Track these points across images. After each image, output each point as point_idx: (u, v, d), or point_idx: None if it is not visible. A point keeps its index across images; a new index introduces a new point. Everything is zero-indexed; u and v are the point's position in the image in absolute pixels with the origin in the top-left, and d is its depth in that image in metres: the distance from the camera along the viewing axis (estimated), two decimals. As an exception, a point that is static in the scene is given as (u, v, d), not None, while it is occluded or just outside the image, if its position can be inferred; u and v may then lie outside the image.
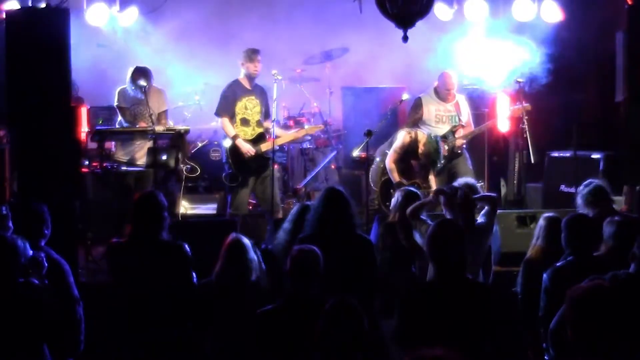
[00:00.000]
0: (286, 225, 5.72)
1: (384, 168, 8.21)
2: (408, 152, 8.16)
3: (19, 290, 4.43)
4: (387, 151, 8.21)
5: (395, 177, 8.06)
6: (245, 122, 8.10)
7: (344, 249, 5.08)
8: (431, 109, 8.55)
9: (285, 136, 8.50)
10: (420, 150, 8.07)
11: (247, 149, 7.98)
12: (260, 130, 8.16)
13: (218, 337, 5.00)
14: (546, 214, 5.68)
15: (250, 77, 8.11)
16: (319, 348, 3.52)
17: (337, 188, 5.44)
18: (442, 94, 8.55)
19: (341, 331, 3.50)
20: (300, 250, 4.50)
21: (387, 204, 7.61)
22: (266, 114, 8.24)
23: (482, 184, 8.03)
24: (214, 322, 5.00)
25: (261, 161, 8.10)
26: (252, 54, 8.06)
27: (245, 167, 8.04)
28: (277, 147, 8.34)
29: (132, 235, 5.15)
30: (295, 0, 10.33)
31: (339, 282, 4.80)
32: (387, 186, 8.18)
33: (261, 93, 8.23)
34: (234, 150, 8.02)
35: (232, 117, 8.07)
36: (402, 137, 8.15)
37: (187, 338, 5.08)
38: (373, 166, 8.38)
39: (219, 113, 8.14)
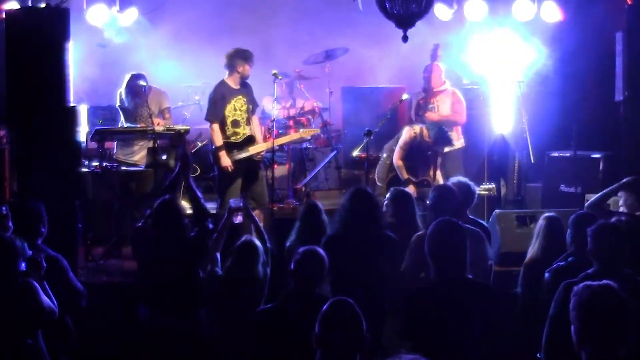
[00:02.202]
0: (297, 225, 5.72)
1: (391, 164, 8.19)
2: (413, 148, 8.11)
3: (18, 290, 4.43)
4: (394, 148, 8.19)
5: (404, 174, 8.00)
6: (236, 123, 7.97)
7: (372, 249, 5.09)
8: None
9: (280, 139, 8.51)
10: (428, 140, 8.02)
11: (228, 164, 7.84)
12: (249, 131, 8.04)
13: (225, 331, 5.09)
14: (546, 214, 5.68)
15: (242, 78, 7.98)
16: (317, 349, 3.51)
17: (365, 188, 5.44)
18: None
19: (339, 333, 3.48)
20: (305, 252, 4.48)
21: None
22: (253, 109, 8.15)
23: (489, 184, 8.01)
24: (221, 316, 5.10)
25: (250, 164, 8.01)
26: (249, 55, 7.96)
27: (234, 170, 7.92)
28: (276, 148, 8.35)
29: (155, 231, 5.33)
30: (295, 0, 10.32)
31: (366, 281, 4.88)
32: (394, 183, 8.14)
33: (247, 89, 8.07)
34: (218, 158, 7.90)
35: (221, 122, 7.91)
36: (406, 133, 8.14)
37: (199, 327, 5.24)
38: (379, 162, 8.36)
39: (208, 118, 7.98)
